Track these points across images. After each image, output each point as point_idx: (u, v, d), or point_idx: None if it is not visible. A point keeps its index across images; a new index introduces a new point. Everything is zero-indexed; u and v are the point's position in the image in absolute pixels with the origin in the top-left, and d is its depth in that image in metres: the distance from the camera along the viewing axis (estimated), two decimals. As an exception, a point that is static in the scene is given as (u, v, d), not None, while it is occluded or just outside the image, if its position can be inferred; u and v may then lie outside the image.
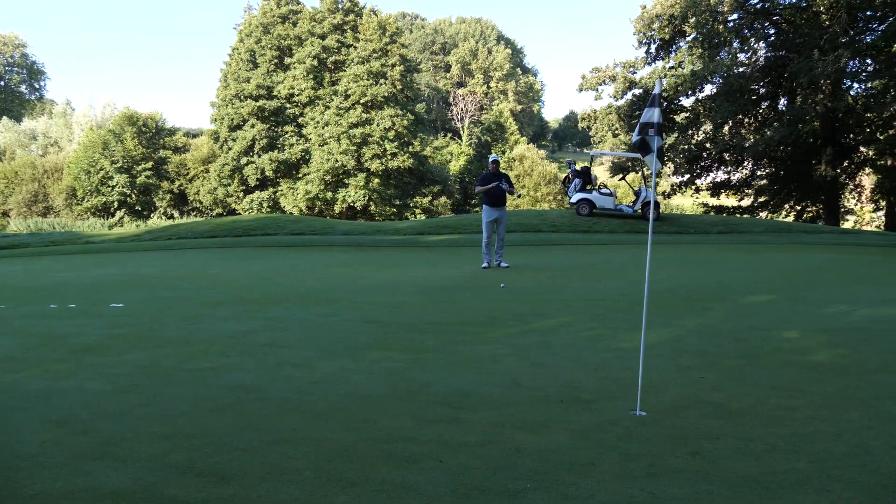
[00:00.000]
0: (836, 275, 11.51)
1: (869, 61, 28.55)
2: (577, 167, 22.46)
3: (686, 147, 32.26)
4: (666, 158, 32.77)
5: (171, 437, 4.01)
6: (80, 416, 4.34)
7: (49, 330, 7.01)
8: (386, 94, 54.55)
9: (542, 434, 4.19)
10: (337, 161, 53.36)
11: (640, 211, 20.99)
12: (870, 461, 3.86)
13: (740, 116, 30.80)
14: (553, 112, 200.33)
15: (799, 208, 34.94)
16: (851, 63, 25.82)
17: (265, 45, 55.97)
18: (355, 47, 55.33)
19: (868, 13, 26.35)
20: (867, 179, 39.01)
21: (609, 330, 7.15)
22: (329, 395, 4.84)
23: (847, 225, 39.33)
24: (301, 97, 55.06)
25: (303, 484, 3.45)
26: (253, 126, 54.42)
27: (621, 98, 34.53)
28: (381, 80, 54.56)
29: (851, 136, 33.32)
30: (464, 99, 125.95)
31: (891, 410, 4.71)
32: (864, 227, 42.41)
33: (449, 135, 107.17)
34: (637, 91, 33.90)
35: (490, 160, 12.81)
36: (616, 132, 36.31)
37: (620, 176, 28.73)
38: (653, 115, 4.65)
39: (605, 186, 23.81)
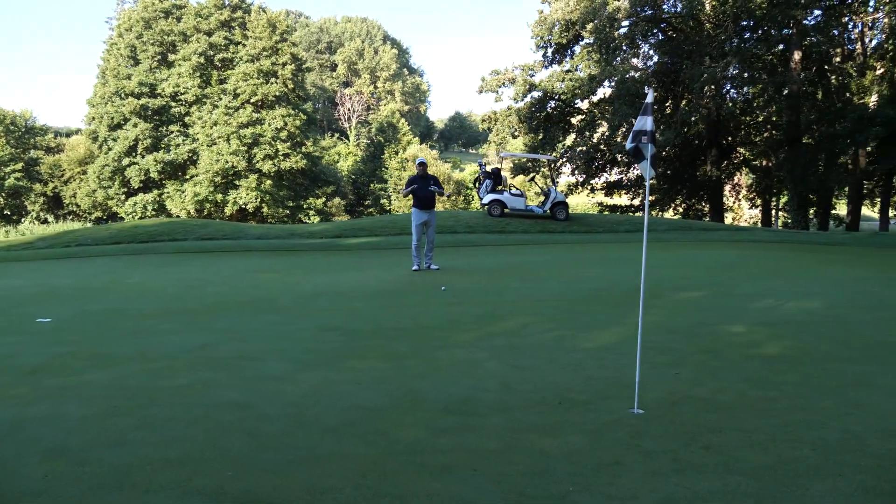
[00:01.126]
0: (749, 270, 12.26)
1: (737, 68, 30.50)
2: (488, 168, 22.80)
3: (584, 148, 33.42)
4: (565, 159, 33.89)
5: (186, 461, 3.80)
6: (73, 445, 4.02)
7: (-20, 350, 6.44)
8: (277, 94, 53.43)
9: (558, 437, 4.25)
10: (227, 162, 51.77)
11: (549, 211, 21.56)
12: (863, 445, 4.15)
13: (633, 120, 32.18)
14: (439, 113, 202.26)
15: (686, 206, 36.96)
16: (732, 69, 27.51)
17: (147, 40, 53.53)
18: (244, 45, 53.84)
19: (751, 22, 28.17)
20: (744, 179, 41.78)
21: (569, 330, 7.31)
22: (329, 408, 4.71)
23: (726, 221, 41.84)
24: (187, 96, 53.03)
25: (348, 502, 3.36)
26: (135, 125, 51.93)
27: (521, 100, 35.35)
28: (272, 79, 53.38)
29: (730, 138, 35.57)
30: (351, 99, 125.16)
31: (856, 397, 5.09)
32: (741, 223, 45.37)
33: (336, 135, 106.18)
34: (536, 94, 34.79)
35: (417, 162, 12.82)
36: (516, 134, 37.13)
37: (531, 177, 29.40)
38: (646, 123, 4.81)
39: (516, 187, 24.28)
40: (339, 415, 4.58)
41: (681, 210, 38.08)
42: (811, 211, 33.06)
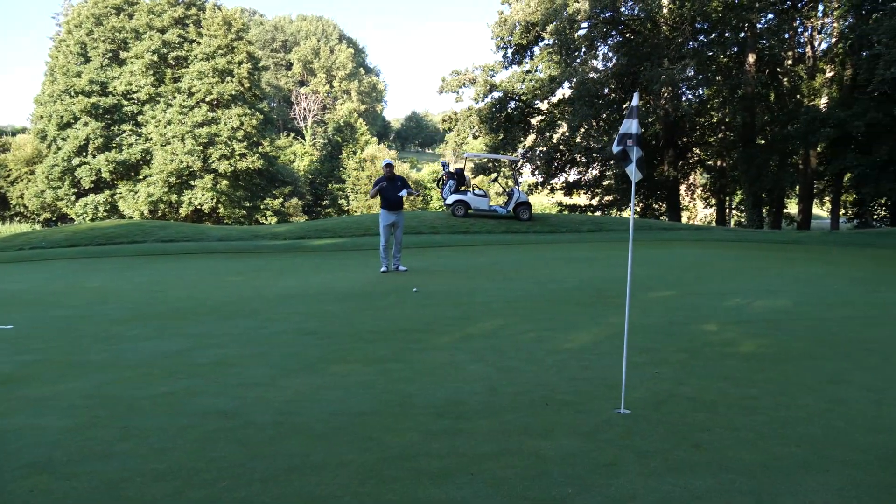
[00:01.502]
0: (713, 269, 12.49)
1: (693, 70, 31.11)
2: (451, 169, 22.80)
3: (544, 149, 33.67)
4: (525, 159, 34.10)
5: (176, 472, 3.70)
6: (57, 458, 3.89)
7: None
8: (233, 93, 52.63)
9: (551, 439, 4.25)
10: (182, 162, 50.80)
11: (512, 211, 21.67)
12: (847, 441, 4.26)
13: (593, 121, 32.58)
14: (395, 112, 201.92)
15: (643, 206, 37.50)
16: (689, 71, 28.03)
17: (98, 37, 52.18)
18: (199, 43, 52.87)
19: (706, 25, 28.73)
20: (698, 179, 42.59)
21: (546, 331, 7.35)
22: (318, 414, 4.64)
23: (682, 221, 42.59)
24: (140, 94, 51.88)
25: (350, 511, 3.31)
26: (86, 124, 50.56)
27: (482, 101, 35.44)
28: (228, 78, 52.55)
29: (686, 139, 36.22)
30: (306, 98, 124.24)
31: (835, 393, 5.22)
32: (695, 223, 46.22)
33: (292, 134, 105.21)
34: (496, 94, 34.93)
35: (383, 164, 12.73)
36: (476, 134, 37.23)
37: (493, 177, 29.50)
38: (631, 126, 4.86)
39: (479, 188, 24.33)
40: (328, 421, 4.52)
41: (638, 210, 38.64)
42: (764, 210, 33.86)
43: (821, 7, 32.52)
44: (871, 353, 6.35)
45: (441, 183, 22.51)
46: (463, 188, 22.19)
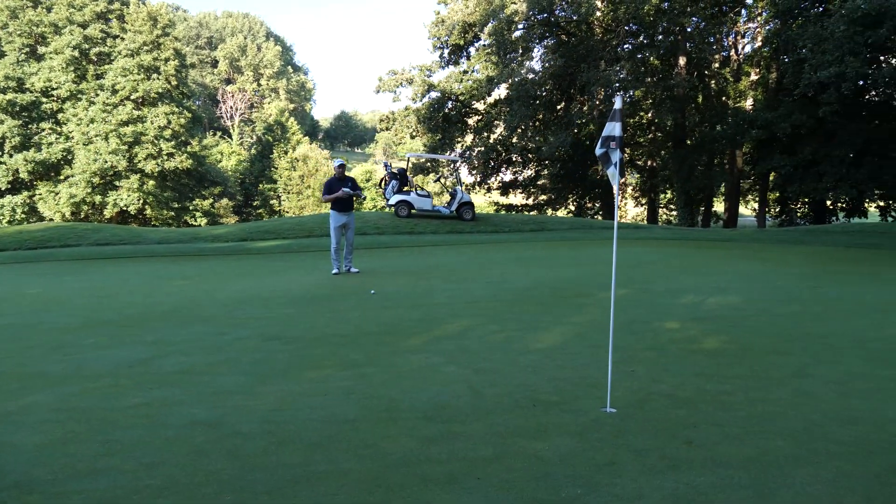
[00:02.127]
0: (659, 267, 12.80)
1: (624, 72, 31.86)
2: (394, 169, 22.68)
3: (482, 149, 33.87)
4: (463, 160, 34.25)
5: (174, 487, 3.56)
6: (39, 476, 3.68)
7: None
8: (160, 91, 51.05)
9: (546, 440, 4.28)
10: (106, 161, 48.96)
11: (455, 212, 21.72)
12: (825, 433, 4.43)
13: (530, 122, 32.94)
14: (323, 111, 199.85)
15: (577, 205, 38.19)
16: (623, 73, 28.68)
17: (13, 31, 49.73)
18: (123, 38, 51.08)
19: (634, 27, 29.46)
20: (629, 178, 43.61)
21: (513, 331, 7.38)
22: (305, 422, 4.54)
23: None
24: (60, 91, 49.72)
25: (364, 521, 3.25)
26: (2, 122, 48.17)
27: (420, 101, 35.39)
28: (154, 76, 50.96)
29: (618, 139, 37.03)
30: (233, 96, 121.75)
31: (802, 387, 5.41)
32: (625, 221, 47.33)
33: (218, 133, 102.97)
34: (434, 94, 34.93)
35: (335, 164, 12.56)
36: (414, 134, 37.15)
37: (436, 177, 29.49)
38: (614, 128, 4.93)
39: (422, 188, 24.29)
40: (318, 429, 4.42)
41: (572, 209, 39.35)
42: (693, 209, 34.95)
43: (744, 12, 33.80)
44: (828, 348, 6.62)
45: (383, 183, 22.38)
46: (406, 188, 22.13)
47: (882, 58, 19.88)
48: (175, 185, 53.67)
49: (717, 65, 33.70)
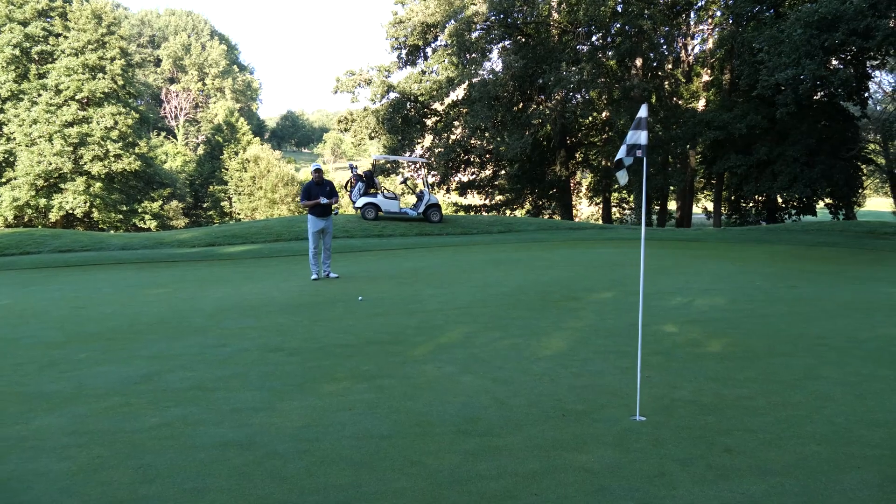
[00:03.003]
0: (636, 268, 12.90)
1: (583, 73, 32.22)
2: (360, 171, 22.47)
3: (442, 150, 33.82)
4: (426, 161, 34.16)
5: (228, 516, 3.42)
6: (79, 508, 3.51)
7: None
8: (106, 90, 49.58)
9: (588, 452, 4.26)
10: (50, 164, 47.34)
11: (422, 214, 21.64)
12: (857, 437, 4.51)
13: (490, 122, 33.02)
14: (268, 111, 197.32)
15: (534, 205, 38.47)
16: (584, 74, 28.98)
17: (-52, 28, 47.77)
18: (66, 37, 49.45)
19: (590, 28, 29.81)
20: (583, 178, 44.18)
21: (516, 338, 7.35)
22: (340, 440, 4.42)
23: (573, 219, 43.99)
24: (1, 91, 47.88)
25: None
26: (-62, 123, 46.24)
27: (379, 101, 35.13)
28: (100, 75, 49.47)
29: (573, 139, 37.46)
30: (178, 96, 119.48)
31: (817, 389, 5.52)
32: (579, 220, 47.91)
33: (163, 134, 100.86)
34: (393, 95, 34.74)
35: (312, 168, 12.35)
36: (372, 135, 36.87)
37: (402, 179, 29.31)
38: (639, 137, 4.94)
39: (388, 190, 24.13)
40: (355, 446, 4.31)
41: (529, 209, 39.63)
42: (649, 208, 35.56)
43: (693, 15, 34.54)
44: (828, 349, 6.77)
45: (350, 185, 22.15)
46: (372, 190, 21.95)
47: (835, 61, 20.56)
48: (123, 187, 52.21)
49: (669, 66, 34.34)
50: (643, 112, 4.96)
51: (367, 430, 4.60)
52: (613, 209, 47.16)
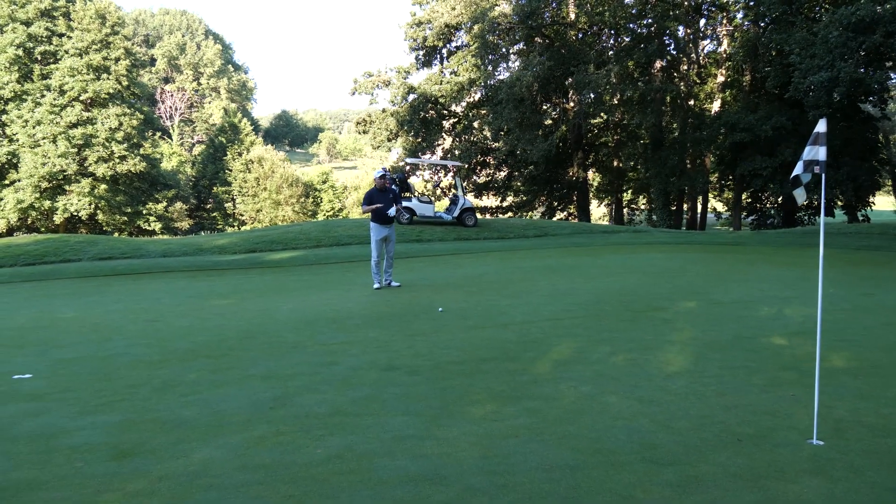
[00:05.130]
0: (699, 275, 12.80)
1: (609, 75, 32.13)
2: (393, 175, 22.27)
3: (459, 152, 33.67)
4: (459, 164, 34.05)
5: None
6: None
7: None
8: (111, 91, 49.25)
9: (794, 481, 4.09)
10: (55, 165, 47.00)
11: (456, 218, 21.50)
12: None
13: (514, 124, 32.84)
14: (261, 111, 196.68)
15: (548, 207, 38.37)
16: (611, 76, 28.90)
17: (-49, 29, 47.32)
18: (70, 37, 49.08)
19: (618, 28, 29.72)
20: (595, 179, 44.09)
21: (629, 353, 7.17)
22: (530, 472, 4.21)
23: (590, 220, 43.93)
24: (4, 91, 47.54)
25: None
26: (-60, 124, 45.78)
27: (401, 103, 34.92)
28: (104, 76, 49.13)
29: (589, 141, 37.39)
30: (172, 96, 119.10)
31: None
32: (601, 223, 47.86)
33: (158, 134, 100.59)
34: (412, 96, 34.56)
35: (376, 175, 12.12)
36: (391, 137, 36.65)
37: (434, 183, 29.20)
38: (818, 152, 4.78)
39: (423, 194, 23.96)
40: (552, 479, 4.12)
41: (542, 211, 39.51)
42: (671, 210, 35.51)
43: (705, 16, 34.46)
44: (960, 362, 6.63)
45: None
46: (406, 195, 21.77)
47: (871, 63, 20.48)
48: (128, 188, 51.91)
49: (685, 67, 34.28)
50: (821, 127, 4.80)
51: (551, 461, 4.41)
52: (624, 210, 47.16)
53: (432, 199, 22.76)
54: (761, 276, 12.44)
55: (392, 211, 11.72)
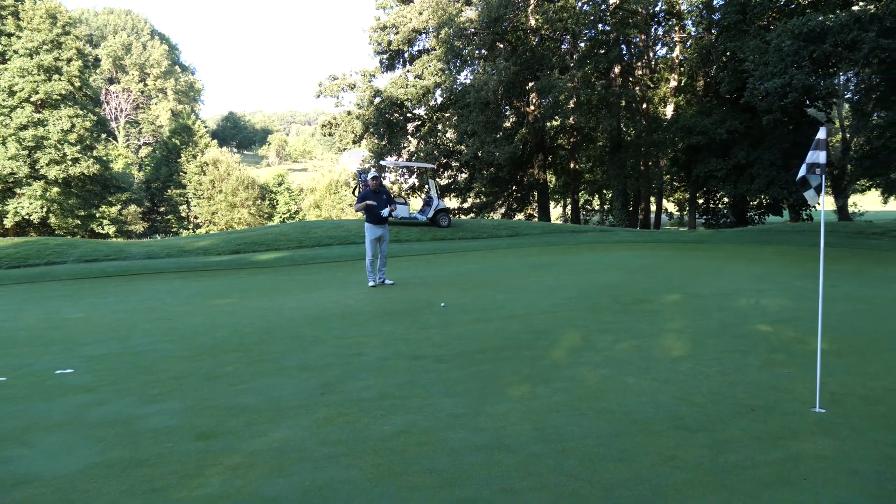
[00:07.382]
0: (673, 271, 13.57)
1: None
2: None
3: (423, 154, 34.18)
4: (432, 167, 34.51)
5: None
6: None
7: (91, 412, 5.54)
8: (63, 92, 48.31)
9: (808, 441, 4.70)
10: (4, 168, 45.94)
11: (430, 219, 21.99)
12: None
13: (482, 126, 33.45)
14: (207, 112, 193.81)
15: (508, 208, 39.16)
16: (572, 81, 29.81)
17: None
18: (19, 37, 48.00)
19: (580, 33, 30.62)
20: (553, 180, 45.07)
21: (633, 340, 7.78)
22: (582, 439, 4.76)
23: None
24: (-50, 93, 46.23)
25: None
26: None
27: (367, 106, 35.25)
28: (56, 77, 48.18)
29: (548, 143, 38.28)
30: (118, 97, 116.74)
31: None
32: (556, 223, 48.87)
33: (103, 135, 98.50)
34: (378, 99, 34.92)
35: (369, 176, 12.57)
36: (357, 139, 36.93)
37: (409, 185, 29.62)
38: (819, 156, 5.45)
39: (398, 195, 24.37)
40: (601, 444, 4.66)
41: (502, 212, 40.33)
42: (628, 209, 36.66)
43: (660, 23, 35.70)
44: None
45: (357, 191, 22.30)
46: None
47: (820, 71, 21.74)
48: (80, 191, 50.94)
49: (640, 72, 35.45)
50: (822, 134, 5.47)
51: (594, 430, 4.96)
52: (580, 211, 48.25)
53: (406, 200, 23.13)
54: (733, 272, 13.27)
55: (386, 211, 12.18)
